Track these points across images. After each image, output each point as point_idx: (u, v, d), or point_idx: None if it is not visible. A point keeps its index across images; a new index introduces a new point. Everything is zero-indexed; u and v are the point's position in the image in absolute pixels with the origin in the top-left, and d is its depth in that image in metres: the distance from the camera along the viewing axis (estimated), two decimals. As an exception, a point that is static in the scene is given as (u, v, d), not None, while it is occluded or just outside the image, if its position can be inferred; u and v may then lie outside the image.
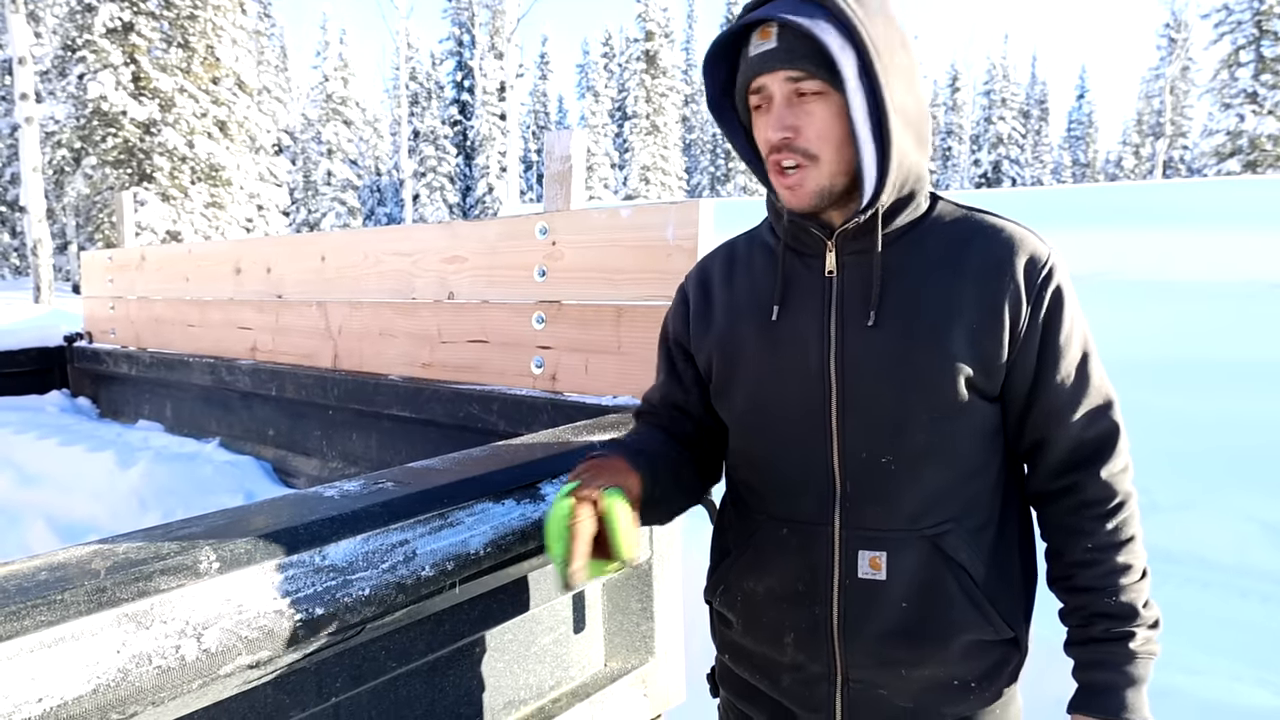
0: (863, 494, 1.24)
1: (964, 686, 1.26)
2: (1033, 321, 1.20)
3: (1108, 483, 1.22)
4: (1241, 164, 32.95)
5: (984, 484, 1.26)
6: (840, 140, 1.18)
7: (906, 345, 1.21)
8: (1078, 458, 1.24)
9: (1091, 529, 1.22)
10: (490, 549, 1.26)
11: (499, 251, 2.45)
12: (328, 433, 3.14)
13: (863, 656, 1.26)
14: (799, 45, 1.15)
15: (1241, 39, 34.36)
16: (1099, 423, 1.23)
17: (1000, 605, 1.25)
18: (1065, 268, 1.23)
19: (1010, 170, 55.61)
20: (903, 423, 1.22)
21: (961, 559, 1.23)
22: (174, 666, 0.92)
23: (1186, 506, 4.56)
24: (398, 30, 34.93)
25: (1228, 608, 3.68)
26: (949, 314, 1.20)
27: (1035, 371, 1.22)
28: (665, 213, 2.02)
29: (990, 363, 1.20)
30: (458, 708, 1.58)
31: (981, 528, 1.25)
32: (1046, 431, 1.24)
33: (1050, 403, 1.23)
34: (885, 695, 1.27)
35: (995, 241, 1.23)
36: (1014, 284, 1.20)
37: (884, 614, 1.23)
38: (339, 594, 1.08)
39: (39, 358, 4.69)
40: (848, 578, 1.25)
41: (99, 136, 21.36)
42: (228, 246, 3.70)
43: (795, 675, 1.32)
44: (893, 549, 1.23)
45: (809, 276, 1.28)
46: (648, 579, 1.95)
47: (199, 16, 22.38)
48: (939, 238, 1.25)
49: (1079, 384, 1.23)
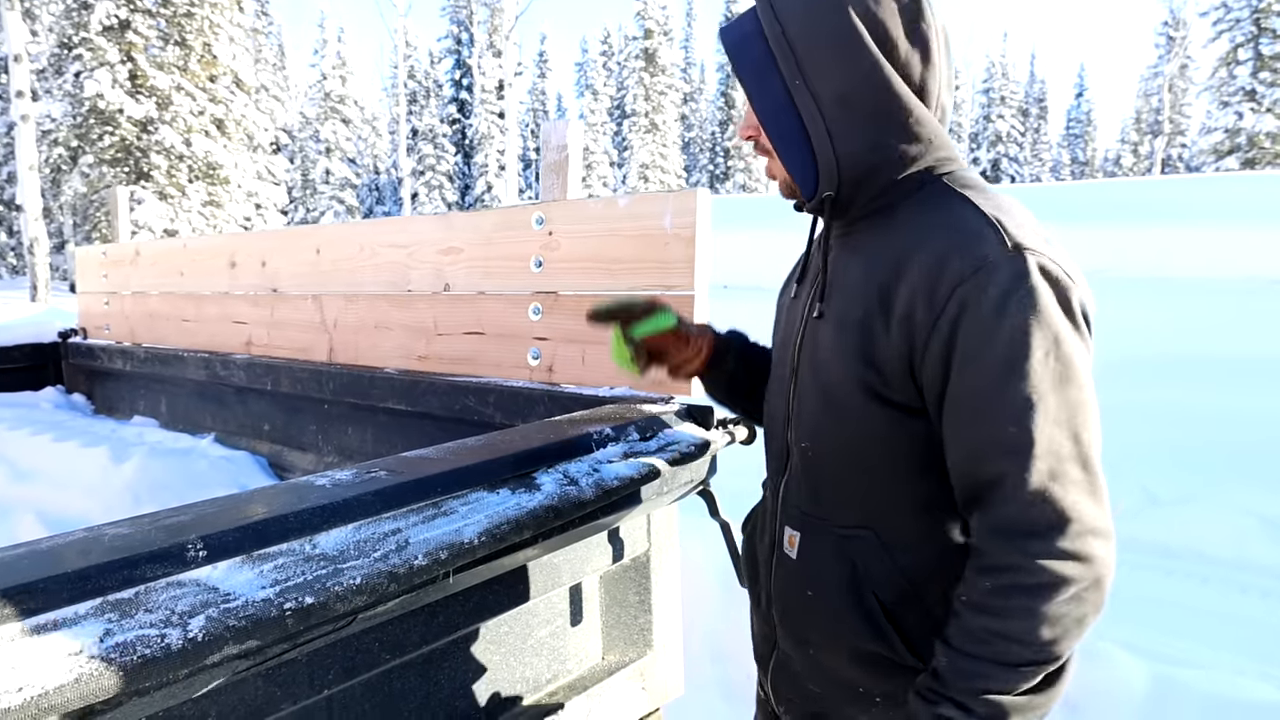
0: (797, 475, 1.29)
1: (868, 697, 1.22)
2: (935, 329, 1.05)
3: (990, 535, 1.04)
4: (1240, 161, 32.97)
5: (909, 503, 1.16)
6: None
7: (832, 338, 1.19)
8: (966, 497, 1.08)
9: (969, 577, 1.07)
10: (485, 538, 1.24)
11: (495, 242, 2.43)
12: (323, 427, 3.12)
13: (785, 629, 1.32)
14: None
15: (1240, 36, 34.37)
16: (989, 466, 1.03)
17: (909, 631, 1.16)
18: (1016, 275, 1.01)
19: (1009, 168, 55.63)
20: (820, 416, 1.24)
21: (868, 571, 1.17)
22: (159, 656, 0.90)
23: (1186, 501, 4.56)
24: (396, 28, 34.87)
25: (1228, 603, 3.67)
26: (855, 310, 1.15)
27: (940, 386, 1.07)
28: (663, 201, 2.00)
29: (886, 369, 1.11)
30: (453, 701, 1.56)
31: (904, 548, 1.16)
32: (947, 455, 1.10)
33: (946, 424, 1.08)
34: (799, 673, 1.32)
35: (926, 230, 1.10)
36: (919, 282, 1.06)
37: (794, 592, 1.28)
38: (330, 583, 1.06)
39: (33, 354, 4.67)
40: (777, 549, 1.32)
41: (96, 135, 21.32)
42: (223, 240, 3.67)
43: (758, 630, 1.43)
44: (806, 532, 1.26)
45: (815, 260, 1.33)
46: (645, 571, 1.94)
47: (196, 14, 22.34)
48: (900, 228, 1.15)
49: (976, 411, 1.03)
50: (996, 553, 1.03)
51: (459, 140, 47.58)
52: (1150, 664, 2.70)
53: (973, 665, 1.03)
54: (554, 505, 1.37)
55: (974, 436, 1.04)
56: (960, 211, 1.10)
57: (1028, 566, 1.00)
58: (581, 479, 1.45)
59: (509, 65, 23.64)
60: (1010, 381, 1.00)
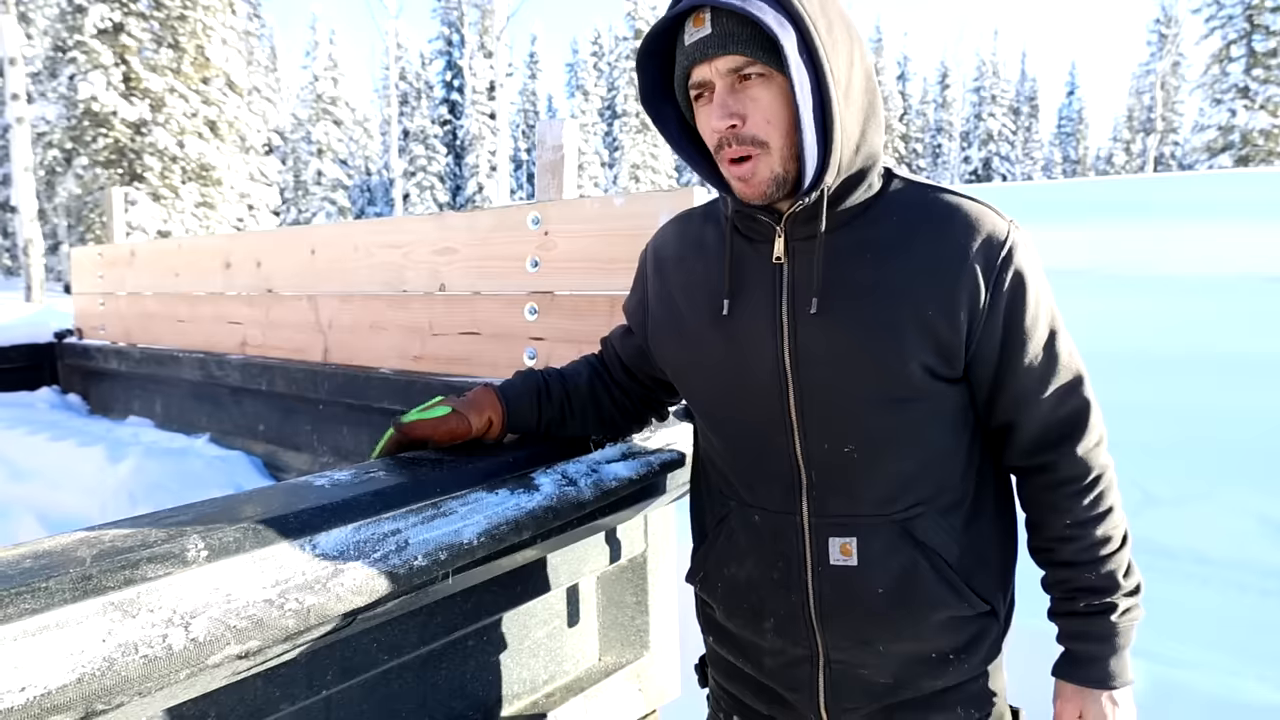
0: (828, 483, 1.24)
1: (943, 659, 1.28)
2: (993, 306, 1.17)
3: (1082, 459, 1.23)
4: (1233, 159, 33.08)
5: (955, 465, 1.25)
6: (788, 124, 1.14)
7: (856, 333, 1.17)
8: (1050, 437, 1.24)
9: (1069, 505, 1.24)
10: (484, 539, 1.24)
11: (490, 242, 2.43)
12: (318, 427, 3.12)
13: (841, 639, 1.28)
14: (736, 29, 1.10)
15: (1233, 33, 34.49)
16: (1069, 401, 1.23)
17: (975, 582, 1.27)
18: (1027, 243, 1.19)
19: (1001, 167, 55.76)
20: (861, 411, 1.20)
21: (934, 543, 1.24)
22: (161, 656, 0.90)
23: (1183, 501, 4.56)
24: (387, 30, 34.80)
25: (1226, 603, 3.67)
26: (901, 299, 1.16)
27: (999, 356, 1.19)
28: (659, 201, 2.00)
29: (948, 347, 1.17)
30: (450, 701, 1.56)
31: (954, 508, 1.26)
32: (1016, 414, 1.23)
33: (1018, 386, 1.21)
34: (865, 674, 1.29)
35: (951, 221, 1.18)
36: (970, 268, 1.16)
37: (859, 598, 1.25)
38: (330, 583, 1.06)
39: (29, 354, 4.65)
40: (820, 565, 1.25)
41: (90, 137, 21.26)
42: (217, 241, 3.67)
43: (778, 659, 1.34)
44: (862, 535, 1.23)
45: (759, 264, 1.25)
46: (642, 573, 1.94)
47: (189, 17, 22.27)
48: (892, 219, 1.20)
49: (1046, 365, 1.21)
50: (1090, 470, 1.23)
51: (450, 141, 47.50)
52: (1149, 665, 2.70)
53: (1111, 562, 1.24)
54: (553, 506, 1.36)
55: (1054, 382, 1.21)
56: (957, 201, 1.20)
57: (1110, 465, 1.25)
58: (580, 479, 1.45)
59: (500, 66, 23.61)
60: (1060, 332, 1.22)
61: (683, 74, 1.19)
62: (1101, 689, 1.25)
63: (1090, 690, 1.26)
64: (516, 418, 1.47)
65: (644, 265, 1.48)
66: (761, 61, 1.11)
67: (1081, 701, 1.27)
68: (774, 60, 1.11)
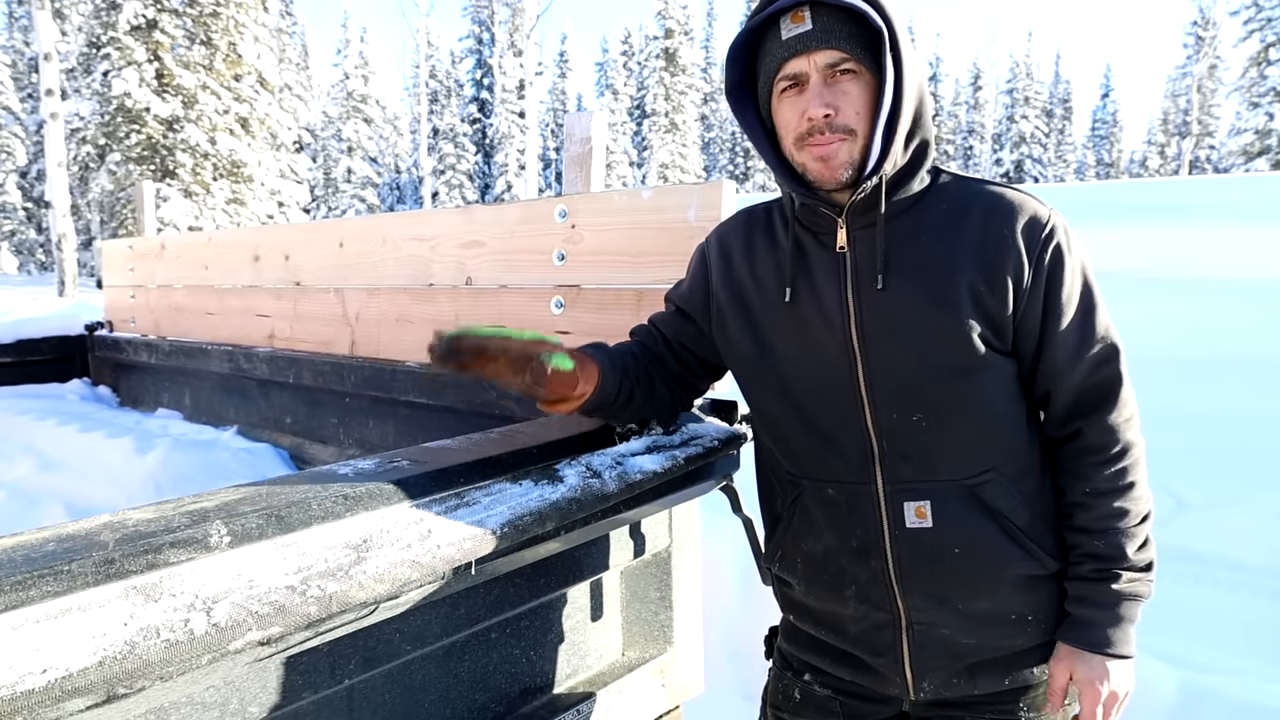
0: (899, 451, 1.32)
1: (1021, 620, 1.34)
2: (1035, 280, 1.27)
3: (1110, 430, 1.29)
4: (1270, 163, 32.57)
5: (1018, 433, 1.33)
6: (871, 116, 1.26)
7: (918, 307, 1.28)
8: (1081, 406, 1.31)
9: (1090, 474, 1.30)
10: (507, 529, 1.23)
11: (517, 236, 2.42)
12: (345, 420, 3.13)
13: (920, 600, 1.34)
14: (837, 26, 1.23)
15: (1271, 36, 33.95)
16: (1100, 372, 1.30)
17: (1046, 544, 1.34)
18: (1066, 227, 1.30)
19: (1033, 169, 55.20)
20: (926, 381, 1.29)
21: (1001, 506, 1.31)
22: (182, 640, 0.89)
23: (1215, 506, 4.49)
24: (418, 28, 35.03)
25: (1258, 609, 3.61)
26: (954, 274, 1.26)
27: (1040, 327, 1.29)
28: (688, 194, 1.98)
29: (997, 320, 1.27)
30: (472, 694, 1.55)
31: (1022, 476, 1.33)
32: (1052, 382, 1.31)
33: (1055, 355, 1.29)
34: (948, 634, 1.35)
35: (996, 206, 1.29)
36: (1015, 245, 1.26)
37: (936, 558, 1.32)
38: (352, 571, 1.05)
39: (60, 346, 4.71)
40: (897, 529, 1.33)
41: (123, 133, 21.53)
42: (247, 234, 3.69)
43: (861, 624, 1.40)
44: (935, 498, 1.31)
45: (824, 254, 1.35)
46: (667, 568, 1.92)
47: (221, 14, 22.50)
48: (942, 205, 1.31)
49: (1081, 337, 1.29)
50: (1115, 441, 1.29)
51: (479, 139, 47.70)
52: (1179, 671, 2.66)
53: (1122, 535, 1.29)
54: (576, 498, 1.36)
55: (1087, 353, 1.29)
56: (1001, 190, 1.31)
57: (1138, 442, 1.31)
58: (605, 472, 1.44)
59: (530, 65, 23.68)
60: (1098, 308, 1.30)
61: (774, 67, 1.29)
62: (1095, 652, 1.30)
63: (1082, 652, 1.31)
64: (601, 396, 1.44)
65: (706, 253, 1.54)
66: (856, 58, 1.24)
67: (1073, 662, 1.32)
68: (865, 58, 1.24)
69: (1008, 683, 1.37)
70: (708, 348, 1.54)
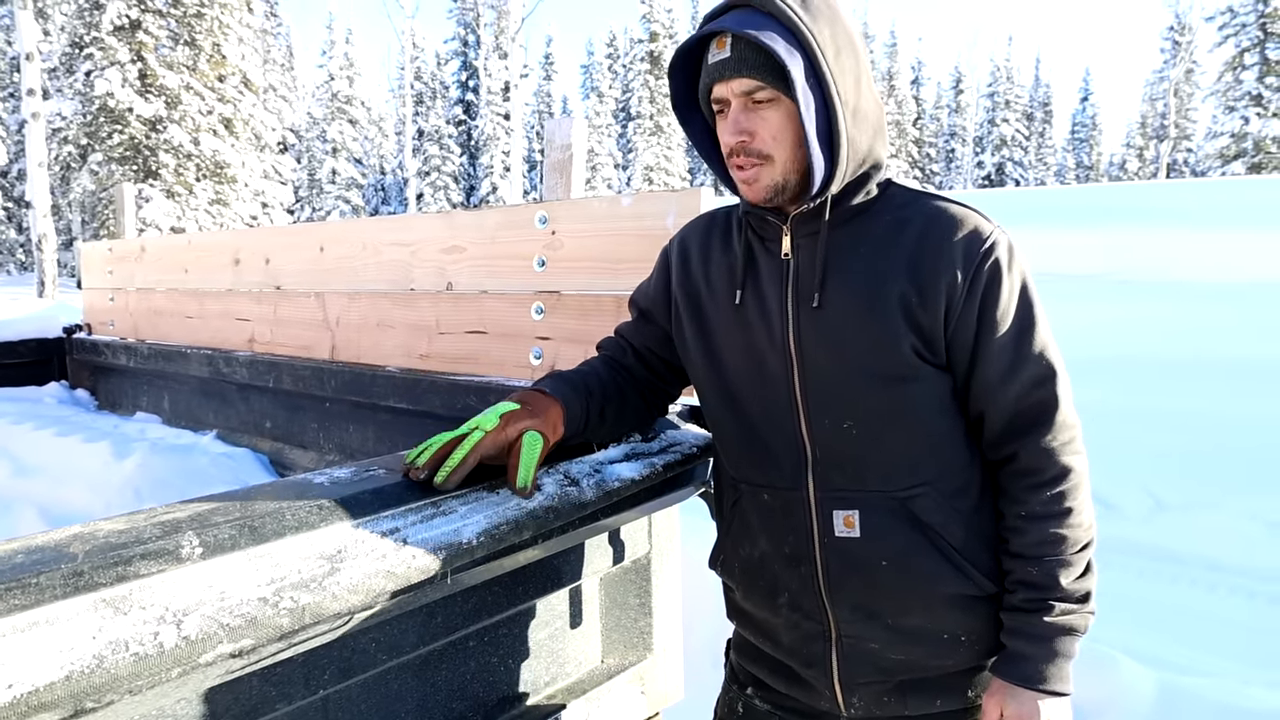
0: (831, 458, 1.32)
1: (954, 640, 1.33)
2: (970, 295, 1.25)
3: (1044, 453, 1.26)
4: (1246, 166, 32.91)
5: (955, 449, 1.32)
6: (793, 141, 1.26)
7: (851, 315, 1.28)
8: (1015, 427, 1.28)
9: (1024, 497, 1.28)
10: (484, 538, 1.23)
11: (498, 241, 2.42)
12: (325, 425, 3.11)
13: (849, 611, 1.34)
14: (750, 55, 1.23)
15: (1246, 41, 34.33)
16: (1035, 394, 1.27)
17: (981, 564, 1.31)
18: (1010, 245, 1.27)
19: (1014, 172, 55.55)
20: (857, 389, 1.29)
21: (934, 521, 1.29)
22: (152, 654, 0.88)
23: (1193, 507, 4.53)
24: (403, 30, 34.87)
25: (1236, 609, 3.64)
26: (886, 283, 1.27)
27: (973, 342, 1.27)
28: (667, 201, 1.99)
29: (928, 331, 1.26)
30: (450, 703, 1.54)
31: (958, 492, 1.31)
32: (985, 401, 1.29)
33: (987, 372, 1.27)
34: (876, 649, 1.34)
35: (937, 218, 1.28)
36: (950, 257, 1.25)
37: (864, 569, 1.31)
38: (325, 582, 1.05)
39: (38, 349, 4.66)
40: (826, 536, 1.33)
41: (105, 133, 21.39)
42: (227, 237, 3.67)
43: (793, 634, 1.41)
44: (864, 508, 1.31)
45: (769, 259, 1.37)
46: (646, 574, 1.92)
47: (206, 15, 22.40)
48: (885, 218, 1.31)
49: (1016, 356, 1.26)
50: (1050, 465, 1.26)
51: (464, 141, 47.56)
52: (1158, 671, 2.68)
53: (1056, 563, 1.25)
54: (554, 506, 1.35)
55: (1020, 374, 1.26)
56: (946, 204, 1.30)
57: (1076, 467, 1.27)
58: (583, 480, 1.43)
59: (515, 67, 23.63)
60: (1037, 329, 1.27)
61: (705, 89, 1.31)
62: (1026, 688, 1.26)
63: (1013, 687, 1.27)
64: (571, 431, 1.44)
65: (668, 256, 1.57)
66: (771, 86, 1.23)
67: (1003, 697, 1.28)
68: (783, 85, 1.22)
69: (939, 704, 1.35)
70: (673, 351, 1.56)
